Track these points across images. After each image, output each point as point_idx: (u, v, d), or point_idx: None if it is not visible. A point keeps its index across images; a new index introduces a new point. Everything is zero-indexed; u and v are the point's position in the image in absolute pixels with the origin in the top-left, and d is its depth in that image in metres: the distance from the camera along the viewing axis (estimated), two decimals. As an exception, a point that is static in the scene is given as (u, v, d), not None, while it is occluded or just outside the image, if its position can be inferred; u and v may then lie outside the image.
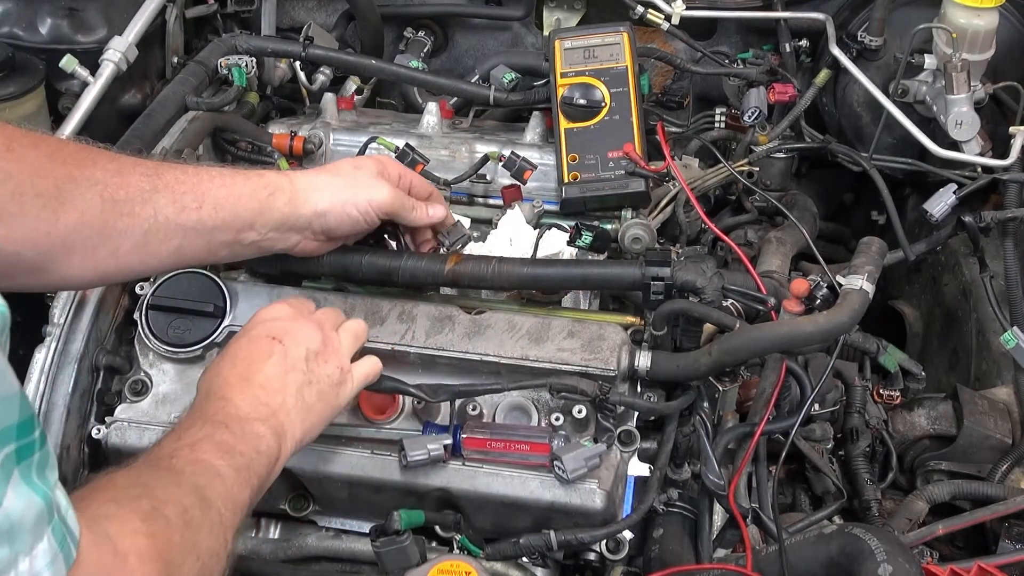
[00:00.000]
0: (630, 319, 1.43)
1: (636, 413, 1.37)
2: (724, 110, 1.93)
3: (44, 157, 1.07)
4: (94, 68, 1.73)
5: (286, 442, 1.13)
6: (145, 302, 1.38)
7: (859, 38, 1.86)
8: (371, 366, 1.26)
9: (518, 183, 1.61)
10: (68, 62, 1.71)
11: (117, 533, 0.84)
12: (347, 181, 1.29)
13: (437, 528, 1.36)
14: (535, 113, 1.75)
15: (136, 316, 1.39)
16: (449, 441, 1.30)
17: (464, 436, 1.31)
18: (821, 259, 1.49)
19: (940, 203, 1.75)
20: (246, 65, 1.77)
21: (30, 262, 1.06)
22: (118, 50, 1.73)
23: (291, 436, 1.14)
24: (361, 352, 1.28)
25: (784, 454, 1.41)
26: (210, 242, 1.20)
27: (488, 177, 1.66)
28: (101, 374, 1.41)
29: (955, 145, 1.73)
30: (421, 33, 2.11)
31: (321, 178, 1.29)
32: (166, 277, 1.37)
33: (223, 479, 1.02)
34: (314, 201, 1.26)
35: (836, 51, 1.83)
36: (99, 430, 1.37)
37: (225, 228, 1.20)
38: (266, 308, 1.25)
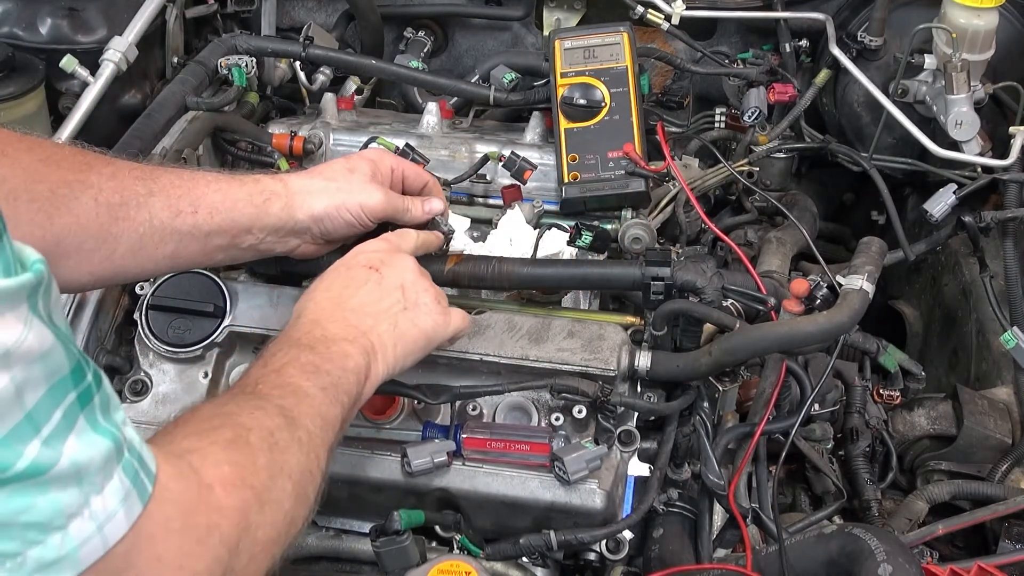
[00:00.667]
0: (630, 319, 1.43)
1: (636, 413, 1.37)
2: (724, 110, 1.93)
3: (39, 161, 1.06)
4: (94, 68, 1.72)
5: (376, 363, 1.13)
6: (145, 302, 1.38)
7: (859, 38, 1.85)
8: (465, 317, 1.27)
9: (518, 183, 1.61)
10: (68, 62, 1.71)
11: (201, 465, 0.84)
12: (341, 185, 1.28)
13: (437, 528, 1.36)
14: (535, 113, 1.75)
15: (136, 316, 1.39)
16: (453, 448, 1.30)
17: (464, 436, 1.31)
18: (821, 259, 1.48)
19: (940, 203, 1.75)
20: (246, 65, 1.77)
21: None
22: (118, 50, 1.73)
23: (382, 358, 1.14)
24: None
25: (784, 454, 1.41)
26: (206, 246, 1.20)
27: (488, 177, 1.66)
28: (101, 374, 1.41)
29: (955, 145, 1.73)
30: (421, 33, 2.11)
31: (315, 182, 1.28)
32: (166, 277, 1.37)
33: (310, 398, 1.02)
34: (309, 206, 1.25)
35: (836, 51, 1.83)
36: (99, 430, 1.37)
37: (221, 233, 1.20)
38: (366, 243, 1.26)
